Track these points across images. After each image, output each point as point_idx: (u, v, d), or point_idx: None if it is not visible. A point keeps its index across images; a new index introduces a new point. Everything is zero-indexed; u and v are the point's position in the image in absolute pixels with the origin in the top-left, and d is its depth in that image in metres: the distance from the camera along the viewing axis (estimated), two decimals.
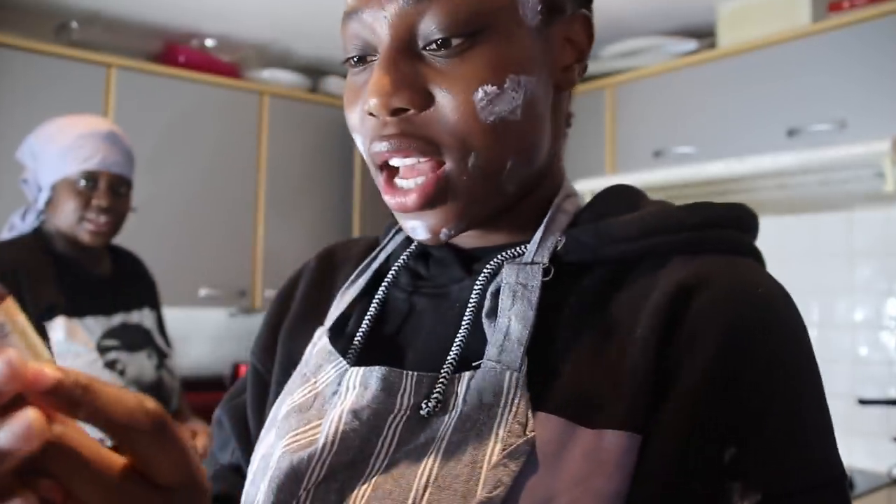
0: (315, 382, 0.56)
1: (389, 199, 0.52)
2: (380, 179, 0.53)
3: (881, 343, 2.19)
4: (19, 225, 1.55)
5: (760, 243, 0.55)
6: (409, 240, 0.62)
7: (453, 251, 0.58)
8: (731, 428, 0.44)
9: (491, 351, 0.50)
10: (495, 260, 0.54)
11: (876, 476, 2.08)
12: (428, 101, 0.49)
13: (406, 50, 0.50)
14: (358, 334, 0.58)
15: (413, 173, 0.51)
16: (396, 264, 0.61)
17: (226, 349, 2.95)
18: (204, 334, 2.91)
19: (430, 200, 0.50)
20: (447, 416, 0.49)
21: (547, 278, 0.51)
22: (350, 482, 0.49)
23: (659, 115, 2.36)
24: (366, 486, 0.49)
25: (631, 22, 2.49)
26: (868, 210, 2.21)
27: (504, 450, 0.45)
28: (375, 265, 0.62)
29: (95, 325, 1.49)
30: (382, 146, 0.51)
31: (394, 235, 0.64)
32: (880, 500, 2.00)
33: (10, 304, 0.33)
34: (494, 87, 0.49)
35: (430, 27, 0.49)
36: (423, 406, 0.50)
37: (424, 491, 0.46)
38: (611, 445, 0.45)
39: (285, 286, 0.70)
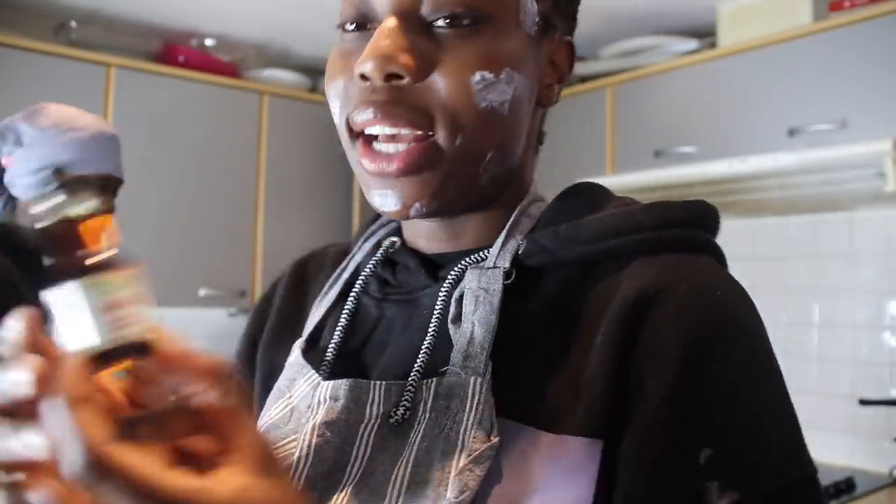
0: (290, 397, 0.57)
1: (368, 164, 0.51)
2: (356, 146, 0.52)
3: (882, 343, 2.19)
4: None
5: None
6: (376, 247, 0.62)
7: (418, 258, 0.58)
8: (704, 431, 0.45)
9: (456, 357, 0.50)
10: (460, 265, 0.54)
11: (877, 476, 2.08)
12: (424, 72, 0.49)
13: (409, 20, 0.49)
14: (330, 345, 0.58)
15: (393, 141, 0.50)
16: (364, 273, 0.61)
17: (226, 349, 2.92)
18: (204, 334, 2.90)
19: (414, 167, 0.50)
20: (416, 423, 0.50)
21: (508, 282, 0.52)
22: (327, 492, 0.50)
23: (659, 114, 2.36)
24: (342, 494, 0.49)
25: (631, 22, 2.49)
26: (869, 210, 2.21)
27: (469, 455, 0.46)
28: (346, 275, 0.63)
29: None
30: (368, 113, 0.50)
31: (362, 244, 0.64)
32: (881, 501, 1.99)
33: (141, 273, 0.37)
34: (492, 75, 0.50)
35: (438, 1, 0.49)
36: (393, 414, 0.51)
37: (398, 499, 0.47)
38: (573, 451, 0.45)
39: (262, 299, 0.70)
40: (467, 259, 0.55)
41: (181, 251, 2.51)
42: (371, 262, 0.60)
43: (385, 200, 0.52)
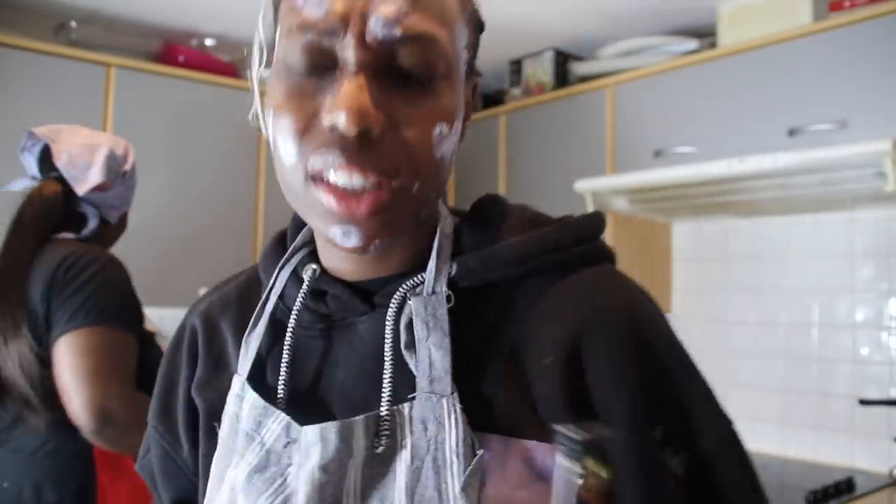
0: (262, 440, 0.58)
1: (334, 204, 0.52)
2: (309, 185, 0.53)
3: (882, 343, 2.19)
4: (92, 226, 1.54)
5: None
6: (297, 278, 0.63)
7: (347, 286, 0.60)
8: (658, 416, 0.53)
9: (422, 382, 0.54)
10: (399, 292, 0.57)
11: (877, 476, 2.08)
12: (392, 126, 0.51)
13: (380, 75, 0.51)
14: (280, 382, 0.60)
15: (353, 186, 0.52)
16: (296, 306, 0.61)
17: None
18: None
19: (382, 208, 0.52)
20: (399, 449, 0.53)
21: (451, 305, 0.56)
22: None
23: (659, 115, 2.36)
24: None
25: (631, 22, 2.49)
26: (869, 210, 2.21)
27: (465, 470, 0.50)
28: (269, 307, 0.63)
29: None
30: (335, 157, 0.51)
31: (278, 273, 0.65)
32: (881, 501, 1.99)
33: None
34: (449, 128, 0.54)
35: (407, 59, 0.52)
36: (377, 445, 0.54)
37: None
38: (541, 456, 0.51)
39: (171, 353, 0.70)
40: (404, 285, 0.58)
41: (181, 251, 2.51)
42: (300, 293, 0.62)
43: (348, 238, 0.53)
